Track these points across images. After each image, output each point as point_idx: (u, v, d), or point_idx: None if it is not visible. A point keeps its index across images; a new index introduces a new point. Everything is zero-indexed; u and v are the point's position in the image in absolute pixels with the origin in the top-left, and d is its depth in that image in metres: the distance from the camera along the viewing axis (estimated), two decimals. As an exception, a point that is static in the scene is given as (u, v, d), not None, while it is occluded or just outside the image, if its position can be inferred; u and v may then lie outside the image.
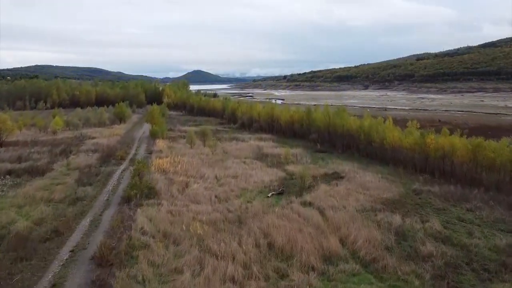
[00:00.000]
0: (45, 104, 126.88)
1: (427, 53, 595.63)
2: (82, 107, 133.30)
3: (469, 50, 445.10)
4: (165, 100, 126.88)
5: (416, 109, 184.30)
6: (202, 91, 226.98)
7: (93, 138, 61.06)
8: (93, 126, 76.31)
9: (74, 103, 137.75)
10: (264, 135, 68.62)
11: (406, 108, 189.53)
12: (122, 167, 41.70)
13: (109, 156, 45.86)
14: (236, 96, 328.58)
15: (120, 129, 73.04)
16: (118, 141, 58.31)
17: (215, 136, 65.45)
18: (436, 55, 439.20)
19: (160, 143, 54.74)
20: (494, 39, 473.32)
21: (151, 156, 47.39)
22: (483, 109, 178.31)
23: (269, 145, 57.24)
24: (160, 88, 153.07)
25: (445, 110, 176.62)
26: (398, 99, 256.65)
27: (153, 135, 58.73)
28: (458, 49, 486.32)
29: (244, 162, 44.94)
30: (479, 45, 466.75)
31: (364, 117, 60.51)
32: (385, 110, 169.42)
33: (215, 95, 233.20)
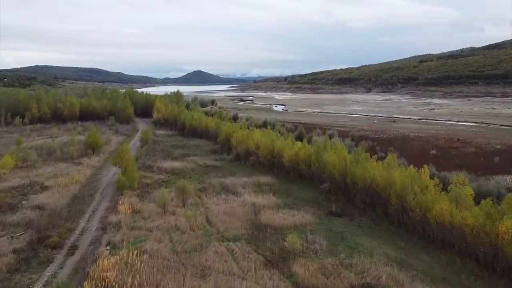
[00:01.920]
0: (23, 120, 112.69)
1: (429, 54, 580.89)
2: (65, 121, 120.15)
3: (473, 52, 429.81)
4: (155, 115, 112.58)
5: (426, 119, 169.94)
6: (199, 98, 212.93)
7: (44, 188, 46.56)
8: (57, 160, 61.96)
9: (57, 116, 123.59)
10: (262, 178, 54.20)
11: (415, 117, 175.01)
12: (48, 272, 27.30)
13: (42, 240, 31.52)
14: (236, 100, 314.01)
15: (88, 167, 58.66)
16: (74, 196, 43.98)
17: (201, 181, 51.30)
18: (439, 57, 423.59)
19: (124, 205, 40.21)
20: (497, 40, 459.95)
21: (102, 237, 33.10)
22: (498, 119, 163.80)
23: (268, 204, 42.71)
24: (152, 99, 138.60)
25: (458, 121, 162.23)
26: (404, 105, 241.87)
27: (120, 188, 44.41)
28: (461, 51, 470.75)
29: (233, 252, 30.55)
30: (482, 46, 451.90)
31: (389, 161, 46.25)
32: (394, 122, 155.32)
33: (213, 102, 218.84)
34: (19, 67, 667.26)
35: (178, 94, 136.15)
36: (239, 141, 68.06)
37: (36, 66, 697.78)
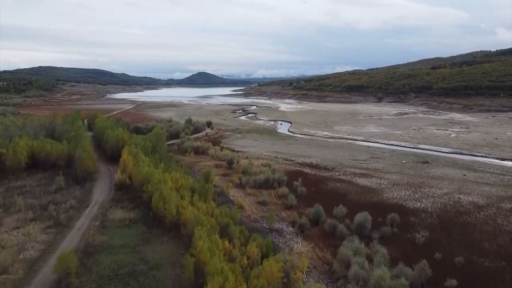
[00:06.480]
0: None
1: (438, 57, 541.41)
2: (9, 173, 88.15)
3: (487, 57, 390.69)
4: (119, 175, 78.66)
5: (462, 153, 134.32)
6: (193, 120, 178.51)
7: None
8: None
9: (0, 164, 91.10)
10: None
11: (447, 151, 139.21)
12: None
13: None
14: (238, 113, 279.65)
15: None
16: None
17: None
18: (453, 63, 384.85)
19: None
20: (508, 44, 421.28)
21: None
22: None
23: None
24: (125, 139, 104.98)
25: (503, 159, 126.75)
26: (424, 125, 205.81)
27: None
28: (474, 56, 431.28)
29: None
30: (497, 51, 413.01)
31: None
32: (427, 163, 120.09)
33: (209, 125, 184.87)
34: (23, 67, 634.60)
35: (157, 135, 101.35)
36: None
37: (40, 67, 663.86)
